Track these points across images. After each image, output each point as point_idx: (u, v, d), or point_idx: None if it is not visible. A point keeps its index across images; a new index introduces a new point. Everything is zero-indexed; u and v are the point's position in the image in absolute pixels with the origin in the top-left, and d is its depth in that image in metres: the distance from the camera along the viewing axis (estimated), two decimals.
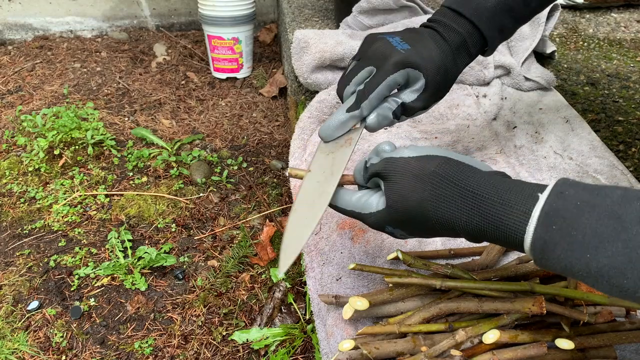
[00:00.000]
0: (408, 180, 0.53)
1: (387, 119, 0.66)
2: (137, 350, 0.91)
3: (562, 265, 0.43)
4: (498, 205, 0.47)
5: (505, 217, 0.46)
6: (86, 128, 1.35)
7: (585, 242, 0.41)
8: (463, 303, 0.63)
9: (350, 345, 0.63)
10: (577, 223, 0.42)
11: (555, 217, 0.43)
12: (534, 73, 1.21)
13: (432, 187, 0.51)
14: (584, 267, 0.41)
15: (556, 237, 0.43)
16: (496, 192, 0.48)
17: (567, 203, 0.43)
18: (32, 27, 2.01)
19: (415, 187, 0.52)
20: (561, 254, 0.42)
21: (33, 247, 1.11)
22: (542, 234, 0.43)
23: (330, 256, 0.82)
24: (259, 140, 1.47)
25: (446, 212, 0.50)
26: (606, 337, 0.61)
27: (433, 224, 0.52)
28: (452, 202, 0.50)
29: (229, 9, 1.63)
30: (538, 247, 0.44)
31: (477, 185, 0.50)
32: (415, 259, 0.65)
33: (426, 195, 0.51)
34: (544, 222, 0.43)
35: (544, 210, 0.44)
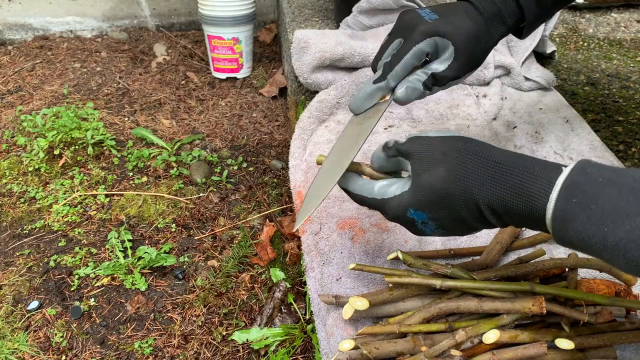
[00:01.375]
0: (435, 156, 0.53)
1: (416, 90, 0.66)
2: (137, 350, 0.92)
3: (579, 238, 0.44)
4: (523, 174, 0.48)
5: (529, 185, 0.47)
6: (86, 128, 1.35)
7: (604, 215, 0.42)
8: (463, 303, 0.63)
9: (350, 345, 0.63)
10: (597, 197, 0.43)
11: (576, 191, 0.44)
12: (534, 73, 1.21)
13: (458, 161, 0.52)
14: (601, 240, 0.42)
15: (576, 210, 0.43)
16: (521, 163, 0.49)
17: (589, 178, 0.44)
18: (32, 27, 2.01)
19: (443, 161, 0.52)
20: (580, 226, 0.43)
21: (33, 247, 1.11)
22: (563, 206, 0.44)
23: (330, 256, 0.82)
24: (259, 140, 1.47)
25: (472, 185, 0.50)
26: (606, 337, 0.61)
27: (458, 202, 0.51)
28: (478, 174, 0.50)
29: (229, 9, 1.63)
30: (558, 219, 0.45)
31: (503, 158, 0.51)
32: (415, 258, 0.65)
33: (453, 169, 0.51)
34: (565, 195, 0.44)
35: (566, 184, 0.45)
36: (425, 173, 0.53)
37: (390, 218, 0.58)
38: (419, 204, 0.54)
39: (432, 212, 0.54)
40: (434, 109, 1.14)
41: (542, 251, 0.74)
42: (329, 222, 0.88)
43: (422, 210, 0.54)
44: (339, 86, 1.14)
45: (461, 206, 0.52)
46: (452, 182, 0.51)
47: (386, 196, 0.57)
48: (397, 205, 0.56)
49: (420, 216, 0.55)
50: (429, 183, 0.53)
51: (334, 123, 1.12)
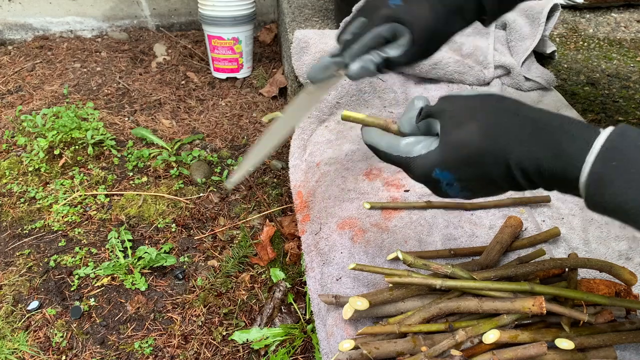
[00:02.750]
0: (468, 112, 0.52)
1: (368, 70, 0.68)
2: (137, 350, 0.91)
3: (615, 202, 0.43)
4: (559, 133, 0.47)
5: (566, 144, 0.46)
6: (86, 128, 1.35)
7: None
8: (463, 303, 0.63)
9: (350, 345, 0.63)
10: (636, 161, 0.42)
11: (615, 154, 0.43)
12: (534, 73, 1.21)
13: (491, 117, 0.50)
14: (637, 205, 0.42)
15: (614, 174, 0.43)
16: (558, 122, 0.48)
17: (628, 142, 0.43)
18: (32, 27, 2.01)
19: (476, 118, 0.51)
20: (617, 190, 0.43)
21: (33, 247, 1.11)
22: (600, 169, 0.43)
23: (330, 256, 0.82)
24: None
25: (504, 142, 0.48)
26: (606, 337, 0.61)
27: (489, 160, 0.49)
28: (511, 131, 0.49)
29: (229, 9, 1.63)
30: (594, 182, 0.44)
31: (539, 115, 0.49)
32: (415, 258, 0.65)
33: (485, 125, 0.50)
34: (603, 158, 0.44)
35: (605, 147, 0.44)
36: (454, 130, 0.51)
37: (414, 177, 0.56)
38: (446, 163, 0.52)
39: (459, 172, 0.51)
40: None
41: (542, 251, 0.74)
42: (329, 222, 0.88)
43: (448, 170, 0.52)
44: (339, 86, 1.14)
45: (491, 165, 0.49)
46: (483, 139, 0.49)
47: (412, 154, 0.55)
48: (422, 165, 0.54)
49: (446, 176, 0.52)
50: (458, 140, 0.51)
51: (334, 123, 1.12)
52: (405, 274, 0.65)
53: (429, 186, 0.56)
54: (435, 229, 0.85)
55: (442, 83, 1.21)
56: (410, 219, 0.87)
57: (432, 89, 1.19)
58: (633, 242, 0.82)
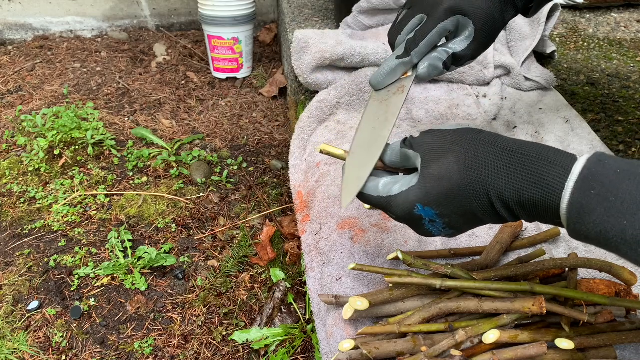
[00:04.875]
0: (445, 146, 0.52)
1: (437, 69, 0.66)
2: (137, 350, 0.91)
3: (597, 231, 0.43)
4: (537, 161, 0.47)
5: (545, 172, 0.46)
6: (86, 128, 1.35)
7: (623, 208, 0.41)
8: (463, 303, 0.63)
9: (350, 345, 0.63)
10: (615, 189, 0.42)
11: (594, 182, 0.43)
12: (534, 73, 1.21)
13: (469, 150, 0.50)
14: (620, 234, 0.41)
15: (594, 202, 0.42)
16: (536, 150, 0.48)
17: (607, 170, 0.43)
18: (32, 27, 2.01)
19: (453, 150, 0.51)
20: (597, 219, 0.42)
21: (33, 247, 1.11)
22: (579, 198, 0.43)
23: (330, 256, 0.82)
24: (259, 140, 1.47)
25: (483, 174, 0.49)
26: (606, 337, 0.61)
27: (469, 194, 0.50)
28: (490, 163, 0.49)
29: (229, 9, 1.63)
30: (575, 210, 0.44)
31: (517, 146, 0.49)
32: (415, 258, 0.65)
33: (463, 158, 0.50)
34: (582, 187, 0.43)
35: (583, 175, 0.44)
36: (434, 163, 0.52)
37: (396, 217, 0.56)
38: (427, 197, 0.52)
39: (441, 207, 0.52)
40: (434, 109, 1.14)
41: (542, 251, 0.74)
42: (329, 222, 0.88)
43: (430, 206, 0.52)
44: (339, 86, 1.14)
45: (471, 198, 0.50)
46: (462, 171, 0.50)
47: (392, 193, 0.55)
48: (403, 202, 0.54)
49: (428, 213, 0.53)
50: (438, 173, 0.51)
51: (334, 123, 1.12)
52: (406, 274, 0.65)
53: (411, 225, 0.56)
54: None
55: (442, 83, 1.21)
56: None
57: (432, 89, 1.19)
58: None
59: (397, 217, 0.56)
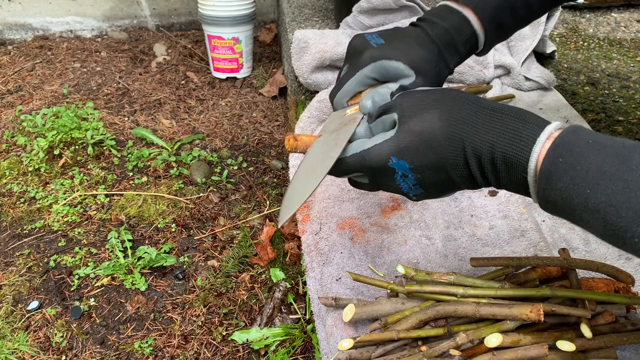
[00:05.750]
0: (427, 102, 0.53)
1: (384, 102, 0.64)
2: (137, 350, 0.91)
3: (562, 198, 0.44)
4: (514, 118, 0.49)
5: (519, 128, 0.47)
6: (86, 128, 1.35)
7: (587, 177, 0.42)
8: (460, 307, 0.63)
9: (349, 344, 0.64)
10: (583, 159, 0.43)
11: (564, 150, 0.44)
12: (534, 73, 1.21)
13: (449, 106, 0.52)
14: (582, 202, 0.43)
15: (561, 170, 0.44)
16: (515, 110, 0.50)
17: (578, 139, 0.44)
18: (32, 27, 2.01)
19: (436, 107, 0.52)
20: (563, 186, 0.44)
21: (33, 247, 1.11)
22: (548, 165, 0.44)
23: (330, 256, 0.82)
24: (259, 140, 1.47)
25: (463, 129, 0.50)
26: (607, 339, 0.61)
27: (446, 148, 0.50)
28: (470, 119, 0.50)
29: (229, 9, 1.63)
30: (544, 177, 0.45)
31: (497, 105, 0.51)
32: (416, 271, 0.65)
33: (446, 113, 0.51)
34: (552, 154, 0.45)
35: (555, 143, 0.45)
36: (414, 117, 0.52)
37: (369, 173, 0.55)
38: (404, 150, 0.52)
39: (416, 161, 0.52)
40: None
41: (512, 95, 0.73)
42: (329, 222, 0.88)
43: (404, 159, 0.52)
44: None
45: (448, 152, 0.50)
46: (442, 124, 0.51)
47: (366, 147, 0.55)
48: (378, 154, 0.53)
49: (402, 166, 0.52)
50: (418, 127, 0.51)
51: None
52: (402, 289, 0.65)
53: (383, 180, 0.55)
54: (435, 229, 0.85)
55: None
56: (410, 218, 0.87)
57: None
58: None
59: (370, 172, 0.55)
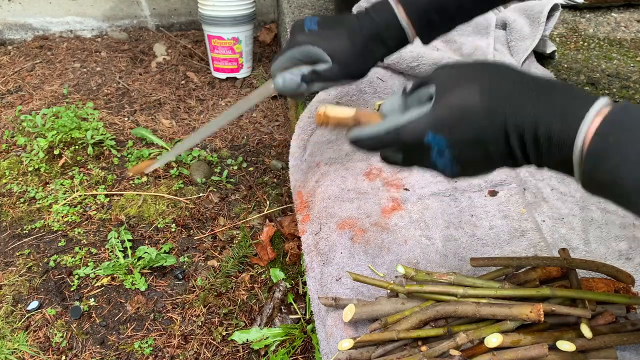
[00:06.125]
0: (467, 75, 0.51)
1: (293, 81, 0.76)
2: (137, 350, 0.91)
3: (611, 178, 0.42)
4: (560, 93, 0.46)
5: (565, 103, 0.45)
6: (86, 128, 1.35)
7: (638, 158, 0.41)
8: (460, 307, 0.63)
9: (349, 344, 0.63)
10: (636, 137, 0.41)
11: (615, 128, 0.42)
12: (534, 73, 1.21)
13: (491, 79, 0.49)
14: (632, 183, 0.41)
15: (611, 148, 0.42)
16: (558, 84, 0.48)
17: (630, 116, 0.43)
18: (32, 27, 2.01)
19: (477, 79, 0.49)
20: (613, 165, 0.42)
21: (33, 247, 1.11)
22: (599, 143, 0.42)
23: (330, 256, 0.82)
24: (259, 140, 1.47)
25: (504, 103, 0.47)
26: (607, 339, 0.61)
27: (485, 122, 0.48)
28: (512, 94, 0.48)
29: (229, 9, 1.63)
30: (592, 155, 0.43)
31: (539, 79, 0.49)
32: (417, 271, 0.65)
33: (488, 85, 0.49)
34: (602, 131, 0.43)
35: (605, 120, 0.43)
36: (452, 91, 0.50)
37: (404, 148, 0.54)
38: (441, 124, 0.49)
39: (454, 135, 0.49)
40: None
41: None
42: (329, 222, 0.88)
43: (442, 133, 0.49)
44: (339, 86, 1.14)
45: (487, 127, 0.48)
46: (483, 98, 0.48)
47: (401, 122, 0.52)
48: (414, 129, 0.51)
49: (438, 141, 0.50)
50: (456, 99, 0.49)
51: None
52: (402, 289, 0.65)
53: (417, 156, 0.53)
54: (435, 229, 0.85)
55: None
56: (410, 218, 0.87)
57: None
58: (633, 242, 0.82)
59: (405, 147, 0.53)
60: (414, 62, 1.18)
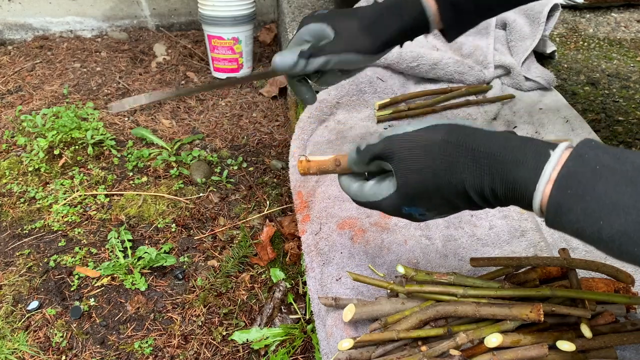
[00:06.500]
0: (416, 154, 0.53)
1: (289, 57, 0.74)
2: (137, 350, 0.91)
3: (573, 229, 0.43)
4: (509, 164, 0.47)
5: (516, 174, 0.46)
6: (86, 128, 1.35)
7: (599, 208, 0.41)
8: (460, 307, 0.63)
9: (349, 344, 0.63)
10: (593, 189, 0.41)
11: (572, 181, 0.43)
12: (534, 73, 1.21)
13: (442, 156, 0.51)
14: (596, 233, 0.41)
15: (570, 202, 0.42)
16: (508, 150, 0.48)
17: (586, 167, 0.43)
18: (32, 27, 2.01)
19: (426, 160, 0.52)
20: (574, 218, 0.42)
21: (33, 247, 1.11)
22: (557, 198, 0.43)
23: (330, 256, 0.82)
24: (259, 140, 1.47)
25: (459, 179, 0.50)
26: (607, 339, 0.61)
27: (448, 195, 0.52)
28: (464, 167, 0.50)
29: (229, 9, 1.63)
30: (552, 209, 0.44)
31: (488, 145, 0.49)
32: (417, 271, 0.65)
33: (438, 165, 0.51)
34: (559, 185, 0.43)
35: (561, 173, 0.43)
36: (410, 174, 0.53)
37: (390, 214, 0.60)
38: (411, 202, 0.55)
39: (426, 205, 0.54)
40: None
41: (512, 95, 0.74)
42: (329, 222, 0.88)
43: (415, 206, 0.55)
44: (339, 86, 1.14)
45: (453, 196, 0.51)
46: (439, 177, 0.51)
47: (378, 198, 0.58)
48: (391, 206, 0.57)
49: (415, 210, 0.55)
50: (416, 183, 0.53)
51: (334, 123, 1.12)
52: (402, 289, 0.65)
53: (406, 219, 0.59)
54: (435, 229, 0.85)
55: (442, 83, 1.21)
56: None
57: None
58: None
59: (390, 214, 0.60)
60: (414, 62, 1.18)
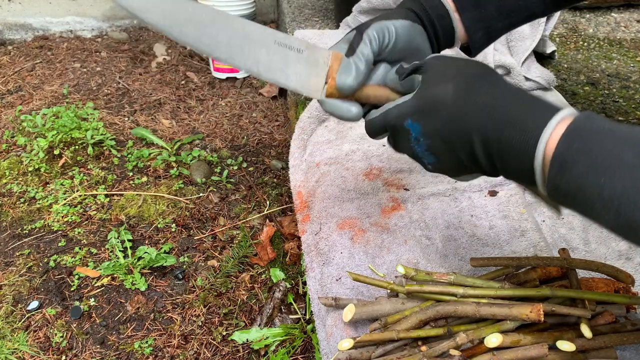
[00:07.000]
0: (449, 72, 0.53)
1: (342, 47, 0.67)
2: (137, 350, 0.91)
3: (574, 186, 0.43)
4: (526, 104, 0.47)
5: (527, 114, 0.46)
6: (86, 128, 1.35)
7: (603, 165, 0.41)
8: (460, 307, 0.63)
9: (349, 344, 0.64)
10: (599, 146, 0.41)
11: (579, 136, 0.43)
12: (534, 73, 1.21)
13: (470, 82, 0.51)
14: (597, 191, 0.41)
15: (576, 156, 0.42)
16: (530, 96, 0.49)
17: (594, 125, 0.43)
18: (32, 27, 2.01)
19: (454, 79, 0.52)
20: (577, 173, 0.42)
21: (33, 247, 1.11)
22: (563, 150, 0.43)
23: (330, 256, 0.82)
24: (259, 140, 1.47)
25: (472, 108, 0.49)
26: (607, 339, 0.61)
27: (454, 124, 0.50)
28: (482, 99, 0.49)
29: (229, 9, 1.63)
30: (556, 162, 0.43)
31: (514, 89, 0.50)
32: (417, 271, 0.65)
33: (461, 88, 0.51)
34: (567, 138, 0.43)
35: (570, 128, 0.43)
36: (433, 85, 0.53)
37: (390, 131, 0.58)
38: (418, 113, 0.54)
39: (427, 125, 0.53)
40: None
41: None
42: (329, 222, 0.88)
43: (418, 122, 0.54)
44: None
45: (455, 128, 0.51)
46: (455, 99, 0.51)
47: (390, 106, 0.58)
48: (397, 113, 0.56)
49: (415, 128, 0.54)
50: (432, 94, 0.52)
51: (334, 123, 1.12)
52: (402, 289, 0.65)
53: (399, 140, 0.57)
54: (435, 229, 0.85)
55: None
56: (410, 218, 0.87)
57: None
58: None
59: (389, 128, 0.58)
60: None
